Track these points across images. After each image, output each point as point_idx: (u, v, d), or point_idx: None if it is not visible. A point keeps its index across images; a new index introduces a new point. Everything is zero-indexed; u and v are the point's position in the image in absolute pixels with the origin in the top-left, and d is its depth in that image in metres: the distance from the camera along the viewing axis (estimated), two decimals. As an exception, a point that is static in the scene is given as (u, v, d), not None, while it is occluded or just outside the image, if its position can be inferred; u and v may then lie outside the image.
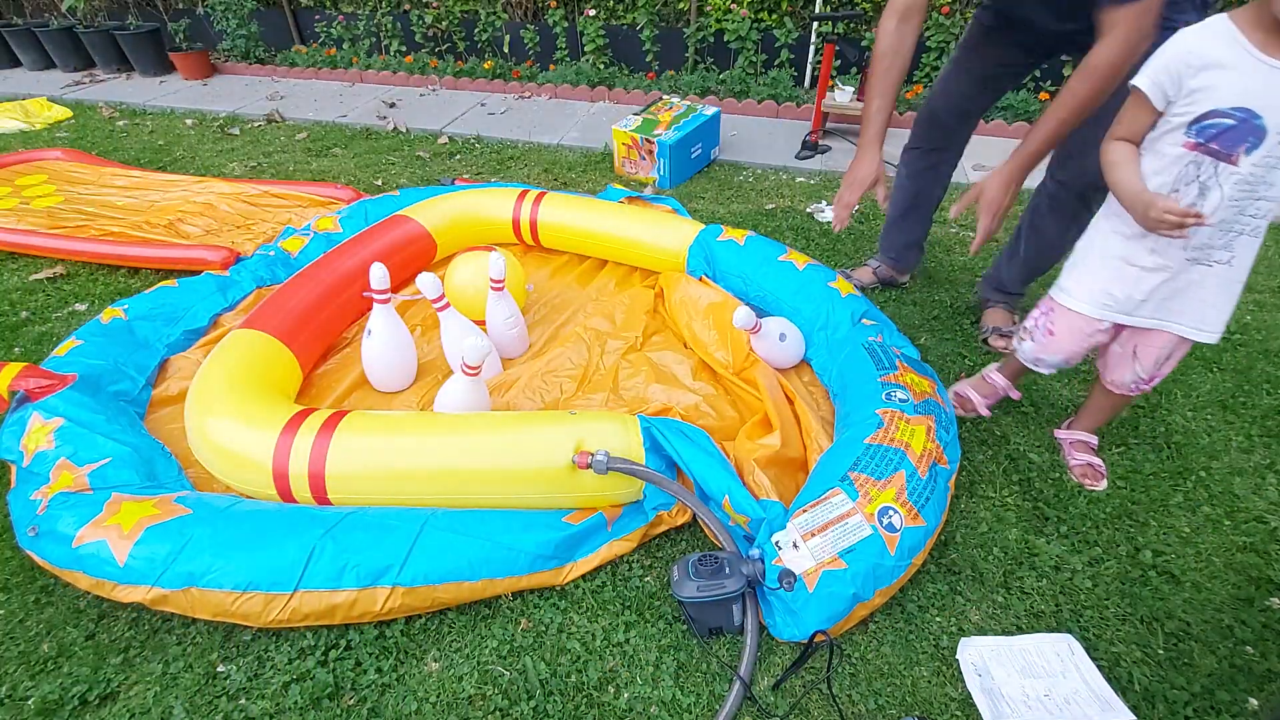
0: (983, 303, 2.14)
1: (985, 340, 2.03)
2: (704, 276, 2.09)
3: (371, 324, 1.76)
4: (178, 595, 1.21)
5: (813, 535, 1.25)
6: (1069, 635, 1.23)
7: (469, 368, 1.58)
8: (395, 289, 2.04)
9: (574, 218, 2.31)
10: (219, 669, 1.22)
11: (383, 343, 1.77)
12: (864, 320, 1.81)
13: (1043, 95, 3.62)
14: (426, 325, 2.08)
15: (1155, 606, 1.31)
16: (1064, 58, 1.79)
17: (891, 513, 1.27)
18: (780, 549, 1.26)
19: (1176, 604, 1.31)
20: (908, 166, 2.11)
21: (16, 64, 5.19)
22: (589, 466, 1.33)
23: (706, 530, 1.43)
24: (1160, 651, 1.24)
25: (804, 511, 1.29)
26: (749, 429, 1.61)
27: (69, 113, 4.19)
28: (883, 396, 1.48)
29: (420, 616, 1.30)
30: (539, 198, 2.35)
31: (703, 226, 2.16)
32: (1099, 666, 1.21)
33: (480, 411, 1.62)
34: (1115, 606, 1.31)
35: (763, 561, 1.26)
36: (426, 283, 1.72)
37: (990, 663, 1.20)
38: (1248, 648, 1.24)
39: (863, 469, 1.32)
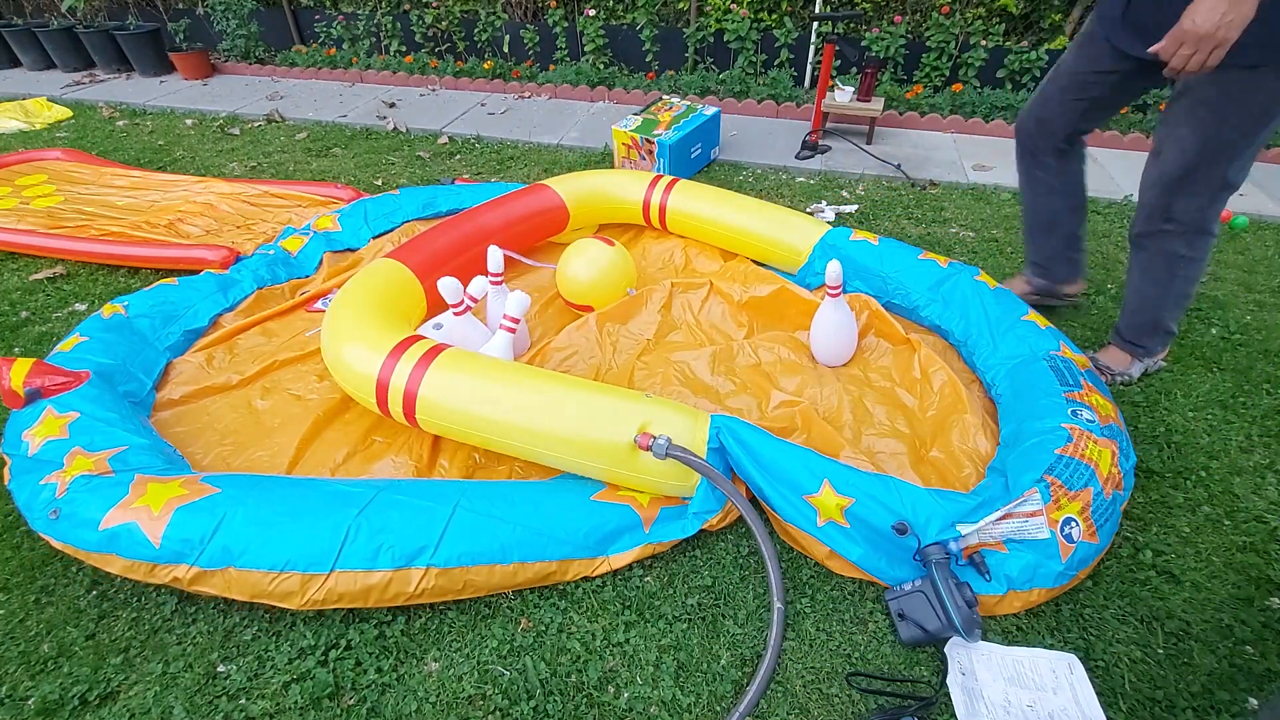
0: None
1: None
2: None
3: (451, 334, 1.81)
4: (215, 575, 1.22)
5: (990, 522, 1.26)
6: (1073, 655, 1.22)
7: (509, 319, 1.72)
8: (527, 253, 2.33)
9: (702, 208, 2.35)
10: (219, 669, 1.22)
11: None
12: (1024, 318, 1.77)
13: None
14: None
15: (1155, 606, 1.31)
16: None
17: (1073, 524, 1.28)
18: (963, 534, 1.26)
19: (1176, 604, 1.31)
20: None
21: (16, 64, 5.18)
22: (649, 449, 1.33)
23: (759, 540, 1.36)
24: (1160, 651, 1.24)
25: (1008, 516, 1.27)
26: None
27: (69, 113, 4.18)
28: (1069, 413, 1.46)
29: (421, 617, 1.30)
30: (671, 184, 2.40)
31: (829, 228, 2.19)
32: (1097, 668, 1.21)
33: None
34: (1115, 606, 1.31)
35: (947, 553, 1.25)
36: (447, 287, 1.76)
37: (977, 665, 1.20)
38: (1247, 647, 1.24)
39: (1058, 475, 1.32)
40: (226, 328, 2.02)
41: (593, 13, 4.15)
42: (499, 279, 1.93)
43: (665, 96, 3.47)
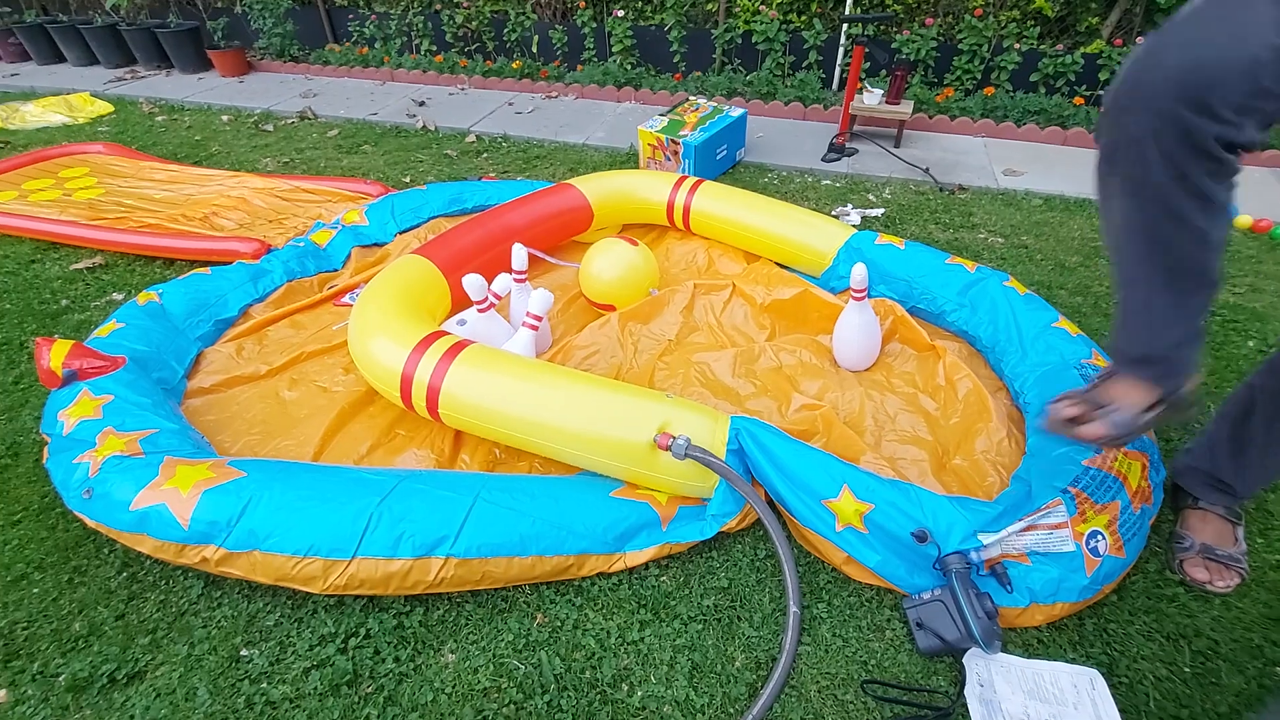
0: (1181, 492, 1.46)
1: (1181, 563, 1.35)
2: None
3: (476, 332, 1.83)
4: (241, 557, 1.25)
5: (1013, 533, 1.25)
6: (1096, 670, 1.19)
7: (532, 316, 1.75)
8: (551, 251, 2.34)
9: (726, 209, 2.35)
10: (242, 653, 1.25)
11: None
12: (1055, 325, 1.74)
13: (1078, 100, 3.55)
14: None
15: (1182, 624, 1.28)
16: None
17: (1099, 538, 1.26)
18: (985, 544, 1.24)
19: (1204, 621, 1.28)
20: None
21: (61, 59, 5.34)
22: (668, 449, 1.33)
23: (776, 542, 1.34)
24: (1186, 670, 1.21)
25: (1032, 528, 1.26)
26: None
27: (111, 108, 4.30)
28: None
29: (439, 608, 1.31)
30: (695, 185, 2.41)
31: (854, 231, 2.18)
32: (1120, 685, 1.18)
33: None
34: (1141, 622, 1.28)
35: (969, 561, 1.24)
36: (472, 284, 1.79)
37: (996, 677, 1.18)
38: (1278, 668, 1.21)
39: (1083, 487, 1.30)
40: (256, 319, 2.07)
41: (621, 13, 4.17)
42: (523, 277, 1.95)
43: (692, 97, 3.47)
